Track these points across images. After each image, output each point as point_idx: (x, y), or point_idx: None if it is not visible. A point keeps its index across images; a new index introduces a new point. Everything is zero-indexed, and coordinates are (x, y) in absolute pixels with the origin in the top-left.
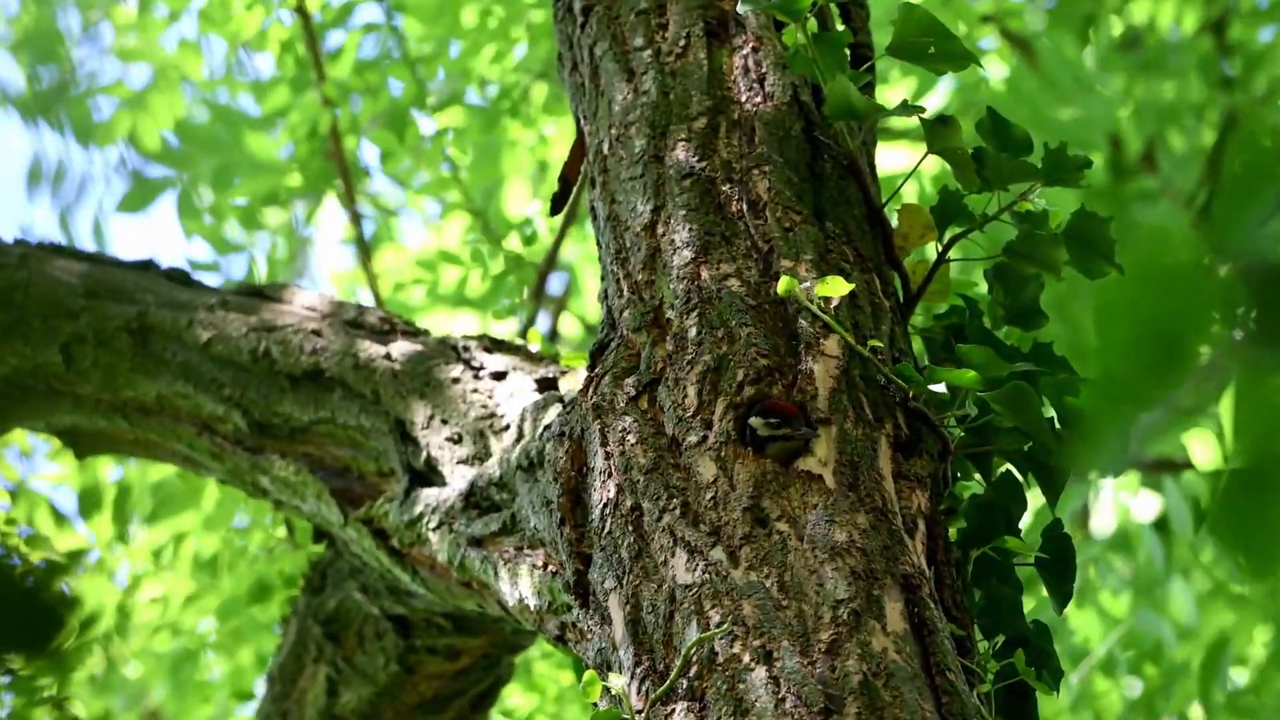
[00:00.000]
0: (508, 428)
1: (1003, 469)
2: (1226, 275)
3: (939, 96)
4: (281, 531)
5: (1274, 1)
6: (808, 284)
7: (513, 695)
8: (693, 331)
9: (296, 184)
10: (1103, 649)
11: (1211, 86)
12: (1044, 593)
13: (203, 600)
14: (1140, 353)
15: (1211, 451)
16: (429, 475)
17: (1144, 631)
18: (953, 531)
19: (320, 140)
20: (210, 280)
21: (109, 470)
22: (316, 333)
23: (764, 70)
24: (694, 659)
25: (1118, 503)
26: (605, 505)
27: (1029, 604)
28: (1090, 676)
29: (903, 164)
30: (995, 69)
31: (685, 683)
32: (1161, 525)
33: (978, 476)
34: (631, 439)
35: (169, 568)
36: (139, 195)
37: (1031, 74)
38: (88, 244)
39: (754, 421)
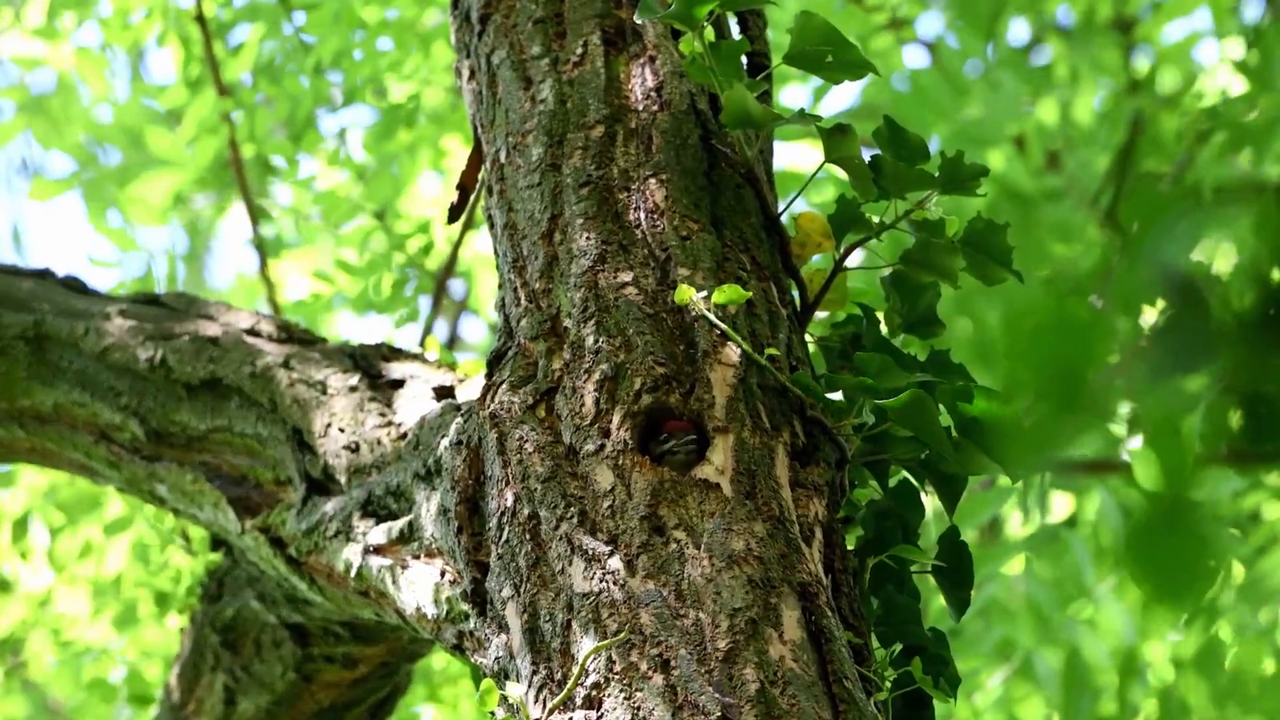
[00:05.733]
0: (405, 436)
1: (900, 477)
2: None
3: (847, 97)
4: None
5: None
6: (705, 292)
7: (418, 702)
8: (590, 340)
9: (199, 180)
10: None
11: (1118, 87)
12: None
13: (105, 610)
14: (1052, 392)
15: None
16: (326, 484)
17: (1065, 639)
18: (850, 539)
19: (221, 141)
20: (111, 278)
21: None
22: (213, 341)
23: (661, 79)
24: (591, 668)
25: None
26: (503, 514)
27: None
28: (1011, 680)
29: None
30: (896, 76)
31: (583, 691)
32: (1071, 524)
33: (875, 484)
34: (529, 447)
35: (72, 581)
36: (43, 189)
37: (936, 74)
38: (6, 250)
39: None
